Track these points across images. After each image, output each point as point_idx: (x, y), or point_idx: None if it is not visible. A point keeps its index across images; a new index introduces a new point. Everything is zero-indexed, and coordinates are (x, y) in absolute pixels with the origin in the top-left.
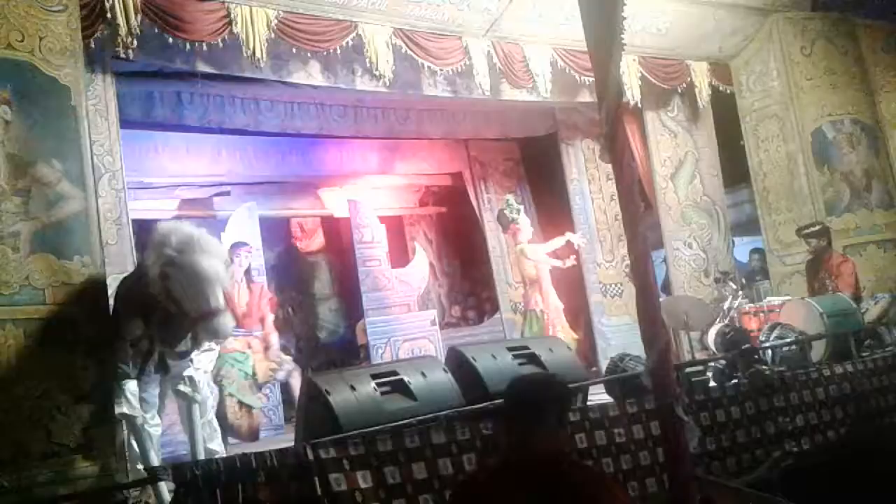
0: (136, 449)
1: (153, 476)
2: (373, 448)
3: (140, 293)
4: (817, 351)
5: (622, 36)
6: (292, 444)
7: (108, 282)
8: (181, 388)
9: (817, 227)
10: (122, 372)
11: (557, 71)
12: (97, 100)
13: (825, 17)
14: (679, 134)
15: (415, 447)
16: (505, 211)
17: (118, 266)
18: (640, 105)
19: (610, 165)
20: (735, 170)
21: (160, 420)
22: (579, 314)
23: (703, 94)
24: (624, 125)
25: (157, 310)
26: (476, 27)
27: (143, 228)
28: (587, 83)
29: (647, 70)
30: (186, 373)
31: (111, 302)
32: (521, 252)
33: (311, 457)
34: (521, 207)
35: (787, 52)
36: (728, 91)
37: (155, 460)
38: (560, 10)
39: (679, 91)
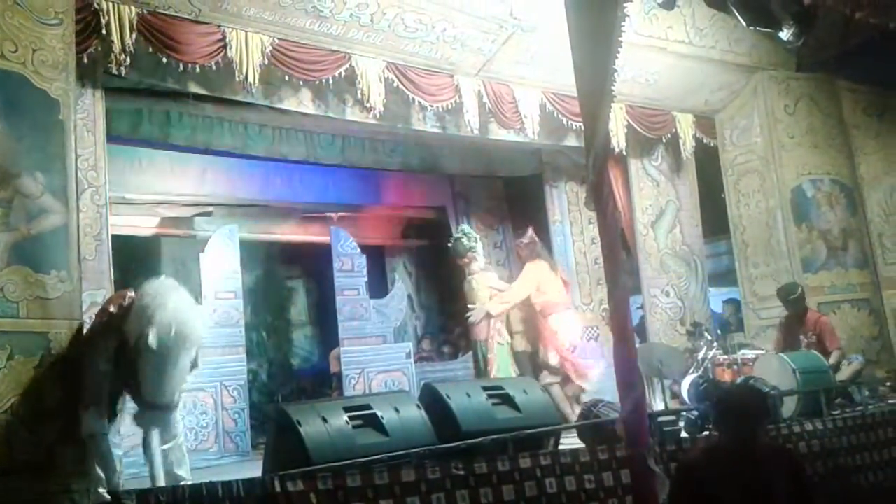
0: (100, 471)
1: (117, 500)
2: (341, 483)
3: (118, 332)
4: (788, 407)
5: (612, 88)
6: (259, 473)
7: (84, 298)
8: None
9: (798, 294)
10: (91, 394)
11: (546, 114)
12: (85, 114)
13: (809, 78)
14: (662, 183)
15: (384, 484)
16: (462, 240)
17: (94, 282)
18: (624, 152)
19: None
20: (715, 221)
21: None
22: None
23: (688, 145)
24: (610, 175)
25: (127, 355)
26: (468, 66)
27: (122, 244)
28: (574, 127)
29: (634, 119)
30: None
31: (86, 319)
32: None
33: (278, 488)
34: (478, 236)
35: (770, 109)
36: (712, 144)
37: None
38: (552, 55)
39: (664, 141)
